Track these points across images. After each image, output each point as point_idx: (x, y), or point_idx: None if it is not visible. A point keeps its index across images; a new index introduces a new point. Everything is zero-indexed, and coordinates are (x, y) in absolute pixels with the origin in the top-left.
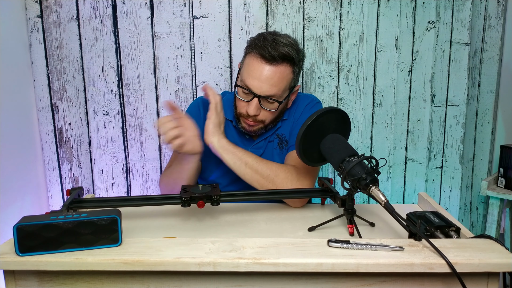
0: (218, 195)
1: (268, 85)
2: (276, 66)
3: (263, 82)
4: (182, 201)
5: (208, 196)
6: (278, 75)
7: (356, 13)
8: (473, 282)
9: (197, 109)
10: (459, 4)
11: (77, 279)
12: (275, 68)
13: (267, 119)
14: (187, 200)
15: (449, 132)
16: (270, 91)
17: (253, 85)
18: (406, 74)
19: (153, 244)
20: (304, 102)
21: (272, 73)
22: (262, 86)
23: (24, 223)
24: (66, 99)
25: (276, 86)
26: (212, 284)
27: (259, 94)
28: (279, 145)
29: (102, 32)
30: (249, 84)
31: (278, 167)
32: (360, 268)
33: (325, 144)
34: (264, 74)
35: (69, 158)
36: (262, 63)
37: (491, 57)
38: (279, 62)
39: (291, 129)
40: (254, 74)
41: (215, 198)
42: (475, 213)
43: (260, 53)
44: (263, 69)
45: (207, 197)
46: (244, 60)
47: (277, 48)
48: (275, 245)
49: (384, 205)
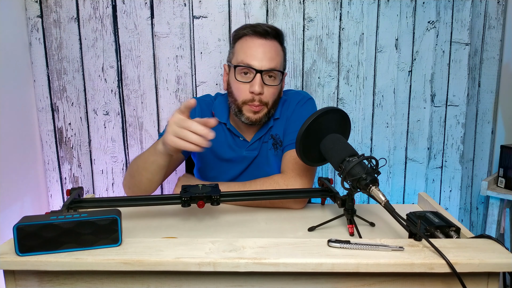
0: (218, 195)
1: (267, 58)
2: (270, 40)
3: (262, 57)
4: (182, 201)
5: (208, 196)
6: (274, 48)
7: (356, 13)
8: (473, 282)
9: (193, 110)
10: (459, 4)
11: (77, 279)
12: (271, 43)
13: (269, 100)
14: (187, 200)
15: (449, 132)
16: (271, 64)
17: (254, 61)
18: (406, 74)
19: (153, 244)
20: (296, 99)
21: (269, 47)
22: (263, 59)
23: (24, 223)
24: (66, 99)
25: (274, 59)
26: (212, 284)
27: (261, 68)
28: (273, 146)
29: (102, 32)
30: (249, 62)
31: (261, 185)
32: (360, 268)
33: (325, 144)
34: (262, 48)
35: (69, 158)
36: (258, 38)
37: (491, 57)
38: (272, 37)
39: (285, 128)
40: (252, 51)
41: (215, 198)
42: (475, 213)
43: (253, 30)
44: (260, 44)
45: (207, 197)
46: (235, 47)
47: (265, 26)
48: (275, 245)
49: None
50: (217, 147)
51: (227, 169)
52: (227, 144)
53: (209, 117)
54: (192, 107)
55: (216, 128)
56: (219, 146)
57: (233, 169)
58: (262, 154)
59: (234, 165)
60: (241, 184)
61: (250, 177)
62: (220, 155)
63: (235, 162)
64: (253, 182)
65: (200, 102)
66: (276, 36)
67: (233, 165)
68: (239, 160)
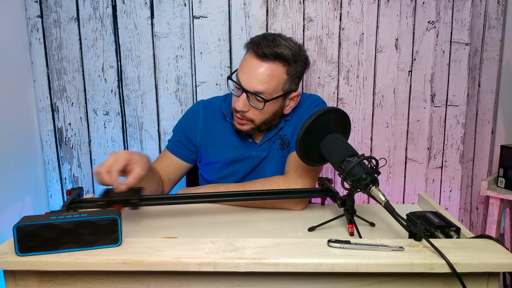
0: (138, 199)
1: (257, 80)
2: (267, 63)
3: (252, 77)
4: (98, 205)
5: (126, 200)
6: (268, 72)
7: (356, 13)
8: (473, 282)
9: (196, 114)
10: (459, 4)
11: (77, 279)
12: (267, 65)
13: (256, 118)
14: (103, 204)
15: (449, 132)
16: (259, 87)
17: (243, 79)
18: (406, 74)
19: (153, 244)
20: (308, 102)
21: (263, 69)
22: (251, 81)
23: (24, 223)
24: (66, 99)
25: (266, 83)
26: (212, 284)
27: (247, 89)
28: (281, 146)
29: (102, 32)
30: (240, 78)
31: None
32: (360, 268)
33: (325, 144)
34: (254, 69)
35: (69, 158)
36: (254, 58)
37: (491, 57)
38: (271, 60)
39: (294, 129)
40: (245, 69)
41: (135, 202)
42: (475, 213)
43: (253, 49)
44: (254, 64)
45: (125, 201)
46: (243, 57)
47: (272, 46)
48: (275, 245)
49: (384, 205)
50: (223, 146)
51: (236, 169)
52: (235, 144)
53: (215, 120)
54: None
55: (226, 128)
56: (225, 145)
57: (241, 169)
58: (271, 154)
59: (242, 165)
60: (241, 185)
61: (257, 177)
62: (228, 155)
63: (243, 163)
64: (253, 182)
65: (205, 105)
66: (277, 58)
67: (241, 165)
68: (247, 160)
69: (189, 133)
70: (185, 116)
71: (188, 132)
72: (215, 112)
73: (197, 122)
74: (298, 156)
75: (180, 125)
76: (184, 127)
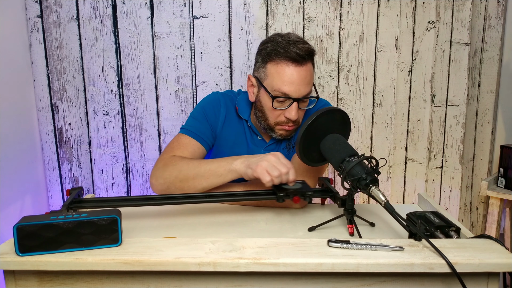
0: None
1: (304, 85)
2: (305, 65)
3: (299, 85)
4: (278, 196)
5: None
6: (309, 72)
7: (356, 13)
8: (473, 282)
9: (218, 104)
10: (459, 4)
11: (77, 279)
12: (305, 67)
13: (300, 118)
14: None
15: (449, 132)
16: (306, 89)
17: (291, 90)
18: (406, 74)
19: (153, 244)
20: (317, 106)
21: (304, 73)
22: (300, 88)
23: (24, 223)
24: (66, 99)
25: (310, 84)
26: (212, 284)
27: (298, 97)
28: (287, 146)
29: (102, 32)
30: (286, 91)
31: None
32: (360, 268)
33: (325, 144)
34: (298, 76)
35: (69, 158)
36: (293, 66)
37: (491, 57)
38: (307, 60)
39: None
40: (288, 80)
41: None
42: (475, 213)
43: (287, 56)
44: (296, 71)
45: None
46: (267, 68)
47: (299, 46)
48: (275, 245)
49: (384, 205)
50: (236, 142)
51: None
52: (245, 140)
53: (233, 114)
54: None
55: (238, 123)
56: (238, 141)
57: None
58: None
59: None
60: (241, 185)
61: None
62: (241, 151)
63: None
64: (253, 182)
65: (224, 96)
66: (310, 56)
67: None
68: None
69: (212, 121)
70: (205, 104)
71: (211, 120)
72: (233, 106)
73: (219, 112)
74: (298, 156)
75: (202, 112)
76: (207, 114)
